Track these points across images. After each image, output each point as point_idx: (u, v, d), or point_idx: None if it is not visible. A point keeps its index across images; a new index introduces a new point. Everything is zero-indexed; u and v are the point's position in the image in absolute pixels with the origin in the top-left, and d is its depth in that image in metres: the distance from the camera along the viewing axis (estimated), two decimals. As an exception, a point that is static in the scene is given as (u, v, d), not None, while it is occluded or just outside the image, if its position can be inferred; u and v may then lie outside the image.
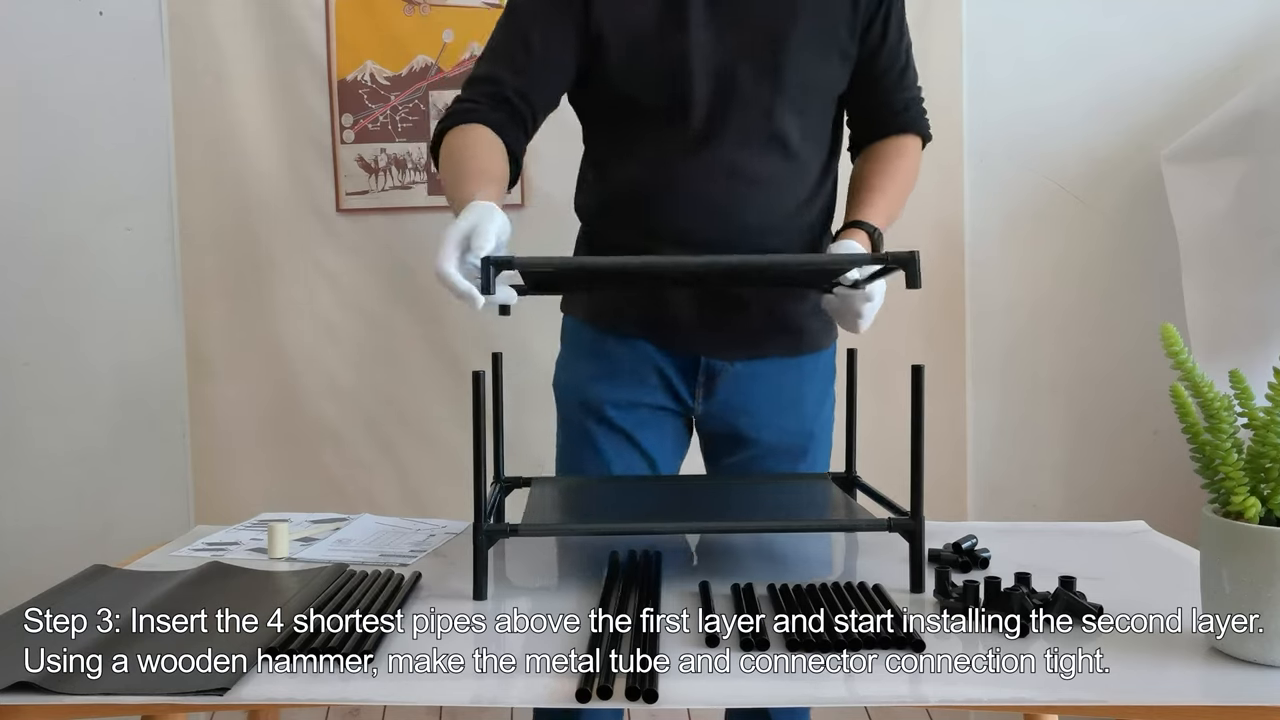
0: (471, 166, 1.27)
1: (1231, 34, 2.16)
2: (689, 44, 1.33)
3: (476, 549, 1.05)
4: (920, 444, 1.06)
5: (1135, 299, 2.22)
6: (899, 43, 1.42)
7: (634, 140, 1.38)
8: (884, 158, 1.44)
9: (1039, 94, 2.19)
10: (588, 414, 1.42)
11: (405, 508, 2.13)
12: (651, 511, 1.24)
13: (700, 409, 1.45)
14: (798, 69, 1.35)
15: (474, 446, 1.05)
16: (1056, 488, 2.28)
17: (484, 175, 1.24)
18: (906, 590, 1.07)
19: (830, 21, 1.36)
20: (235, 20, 2.20)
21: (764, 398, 1.43)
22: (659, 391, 1.43)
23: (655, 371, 1.42)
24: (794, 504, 1.26)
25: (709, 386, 1.43)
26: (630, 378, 1.42)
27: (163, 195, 2.25)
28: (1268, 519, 0.86)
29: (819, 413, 1.48)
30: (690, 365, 1.42)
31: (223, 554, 1.25)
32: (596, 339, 1.44)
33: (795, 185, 1.38)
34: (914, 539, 1.07)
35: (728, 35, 1.34)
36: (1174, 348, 0.87)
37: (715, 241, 1.33)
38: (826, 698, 0.82)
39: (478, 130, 1.31)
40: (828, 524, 1.17)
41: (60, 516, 2.29)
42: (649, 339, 1.42)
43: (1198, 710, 0.81)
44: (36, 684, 0.82)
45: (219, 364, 2.27)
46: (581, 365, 1.45)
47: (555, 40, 1.35)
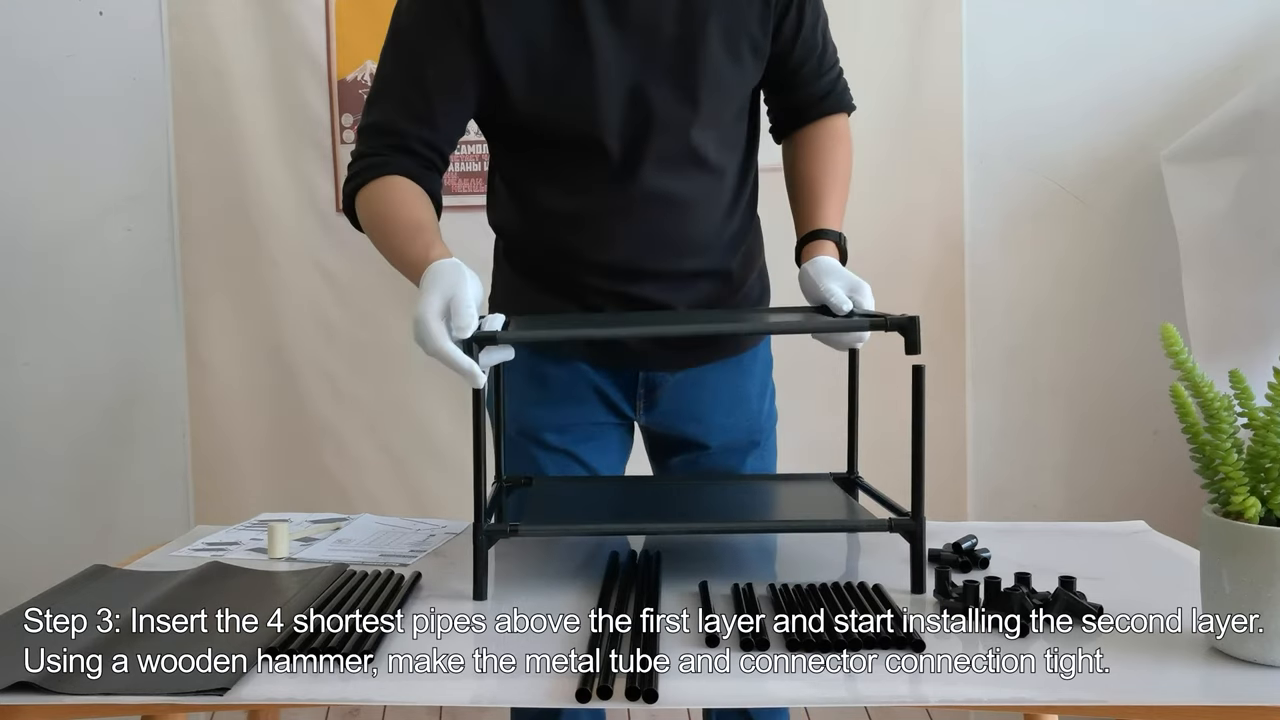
0: (404, 220, 1.21)
1: (1231, 34, 2.16)
2: (594, 67, 1.24)
3: (476, 549, 1.05)
4: (921, 445, 1.05)
5: (1135, 299, 2.22)
6: (815, 26, 1.34)
7: (549, 167, 1.31)
8: (820, 149, 1.38)
9: (1039, 94, 2.19)
10: (526, 439, 1.39)
11: (405, 508, 2.13)
12: (651, 512, 1.23)
13: (643, 419, 1.42)
14: (712, 78, 1.27)
15: (474, 446, 1.05)
16: (1057, 488, 2.28)
17: (423, 229, 1.19)
18: (907, 590, 1.07)
19: (739, 18, 1.27)
20: (235, 20, 2.20)
21: (708, 402, 1.41)
22: (599, 409, 1.40)
23: (593, 390, 1.38)
24: (795, 504, 1.26)
25: (650, 398, 1.40)
26: (567, 400, 1.38)
27: (163, 195, 2.25)
28: (1268, 519, 0.86)
29: (762, 406, 1.46)
30: (629, 380, 1.39)
31: (223, 554, 1.25)
32: (532, 361, 1.36)
33: (718, 198, 1.33)
34: (915, 539, 1.07)
35: (636, 49, 1.25)
36: (1174, 348, 0.87)
37: (645, 271, 1.31)
38: (826, 698, 0.82)
39: (393, 181, 1.24)
40: (828, 524, 1.17)
41: (60, 516, 2.29)
42: (586, 360, 1.37)
43: (1198, 710, 0.81)
44: (36, 684, 0.82)
45: (219, 364, 2.27)
46: (517, 389, 1.38)
47: (450, 75, 1.25)
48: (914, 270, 2.20)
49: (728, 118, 1.33)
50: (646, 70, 1.25)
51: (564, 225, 1.32)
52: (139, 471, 2.29)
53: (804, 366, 1.71)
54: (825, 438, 1.54)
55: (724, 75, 1.28)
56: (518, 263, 1.40)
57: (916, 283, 2.20)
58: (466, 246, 2.22)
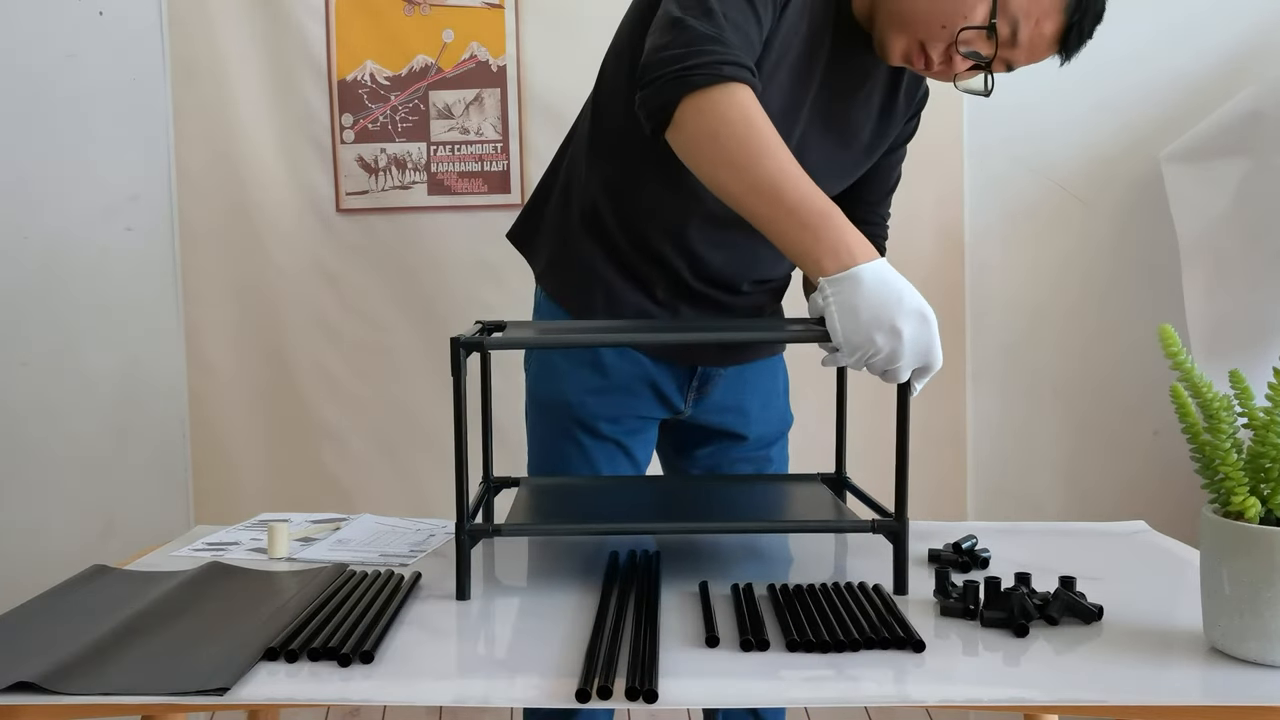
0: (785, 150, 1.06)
1: (1231, 34, 2.16)
2: (793, 137, 1.26)
3: (459, 549, 1.06)
4: (905, 446, 1.06)
5: (1135, 299, 2.22)
6: (902, 156, 1.48)
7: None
8: None
9: (1039, 94, 2.19)
10: (579, 426, 1.40)
11: (405, 508, 2.13)
12: (637, 511, 1.23)
13: (689, 410, 1.46)
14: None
15: (455, 446, 1.05)
16: (1056, 488, 2.28)
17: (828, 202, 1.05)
18: (905, 590, 1.07)
19: (897, 129, 1.41)
20: (235, 20, 2.20)
21: (750, 396, 1.48)
22: (651, 403, 1.42)
23: (648, 384, 1.41)
24: (781, 505, 1.26)
25: (701, 391, 1.44)
26: (624, 392, 1.40)
27: (163, 195, 2.25)
28: (1268, 519, 0.86)
29: (786, 403, 1.57)
30: (686, 374, 1.42)
31: (223, 554, 1.25)
32: (593, 351, 1.39)
33: None
34: (898, 541, 1.07)
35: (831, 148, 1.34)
36: (1172, 348, 0.87)
37: (732, 283, 1.39)
38: (826, 698, 0.82)
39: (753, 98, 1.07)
40: (811, 525, 1.17)
41: (60, 516, 2.29)
42: (645, 351, 1.40)
43: (1198, 710, 0.81)
44: (36, 684, 0.82)
45: (219, 364, 2.27)
46: (573, 375, 1.40)
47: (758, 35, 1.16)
48: (914, 270, 2.19)
49: None
50: (830, 167, 1.32)
51: (678, 214, 1.33)
52: (139, 472, 2.29)
53: (807, 368, 1.72)
54: (826, 438, 1.54)
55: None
56: (598, 233, 1.37)
57: (916, 282, 2.19)
58: (467, 246, 2.24)
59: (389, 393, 2.27)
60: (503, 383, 1.44)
